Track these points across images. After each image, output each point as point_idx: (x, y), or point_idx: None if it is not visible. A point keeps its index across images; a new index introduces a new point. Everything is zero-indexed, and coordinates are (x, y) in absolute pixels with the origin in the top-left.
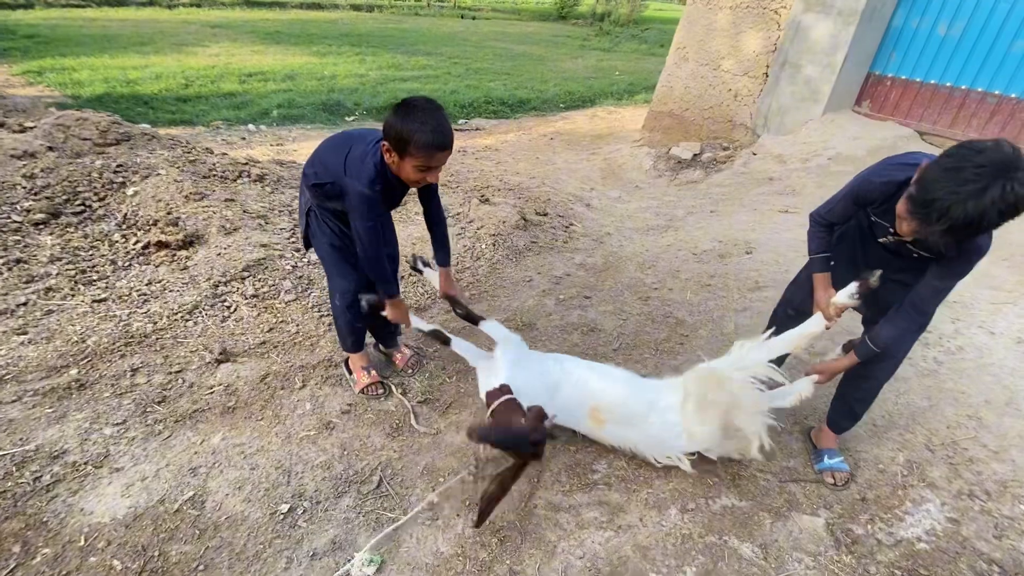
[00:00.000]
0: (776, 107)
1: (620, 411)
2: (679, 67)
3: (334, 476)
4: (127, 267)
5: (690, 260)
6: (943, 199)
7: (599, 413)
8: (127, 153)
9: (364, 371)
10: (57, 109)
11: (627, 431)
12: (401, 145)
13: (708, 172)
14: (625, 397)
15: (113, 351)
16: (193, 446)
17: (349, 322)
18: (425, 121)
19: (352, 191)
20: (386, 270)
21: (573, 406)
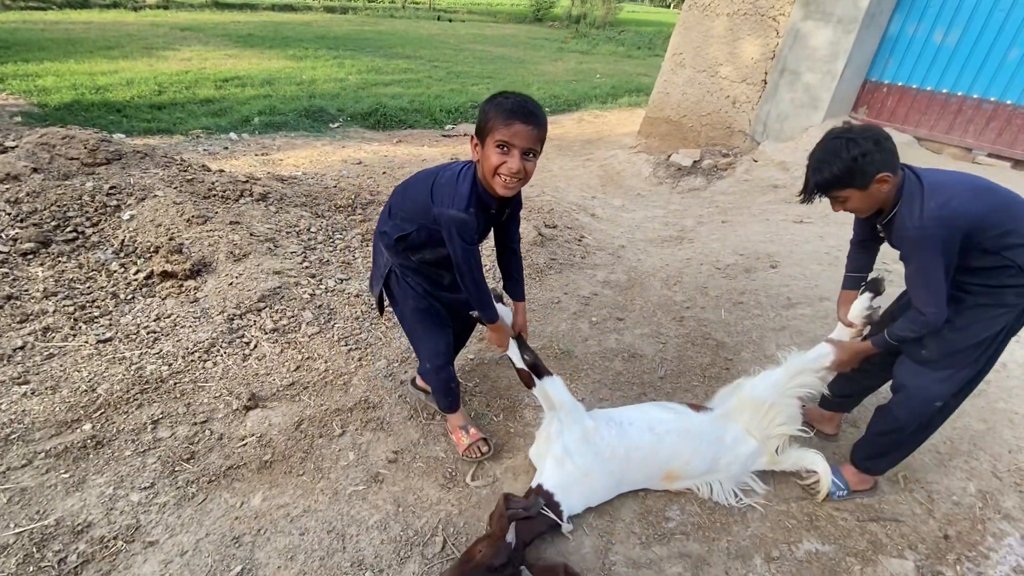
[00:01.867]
0: (775, 114)
1: (695, 467)
2: (675, 73)
3: (393, 538)
4: (130, 300)
5: (716, 275)
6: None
7: (674, 474)
8: (119, 173)
9: (463, 431)
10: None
11: (705, 479)
12: (483, 125)
13: (710, 179)
14: (694, 451)
15: (128, 400)
16: (232, 510)
17: (443, 383)
18: (508, 97)
19: (446, 218)
20: (486, 294)
21: (643, 478)
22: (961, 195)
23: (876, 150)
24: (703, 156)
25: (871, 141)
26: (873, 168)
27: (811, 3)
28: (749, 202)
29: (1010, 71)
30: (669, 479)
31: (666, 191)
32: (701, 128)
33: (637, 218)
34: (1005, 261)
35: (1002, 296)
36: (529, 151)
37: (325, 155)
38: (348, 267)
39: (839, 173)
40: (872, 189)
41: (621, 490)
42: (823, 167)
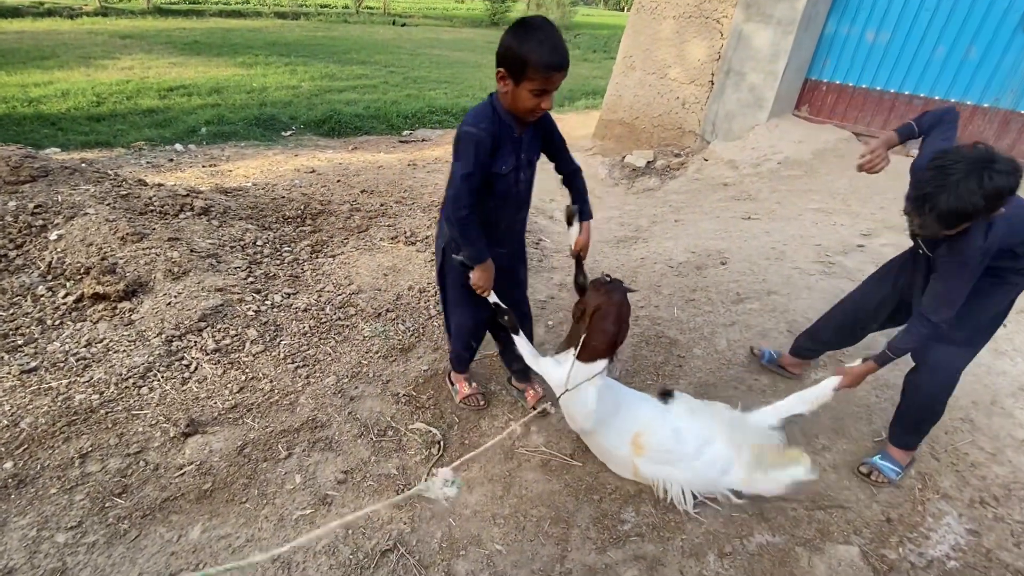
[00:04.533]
0: (723, 113)
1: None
2: (626, 76)
3: (342, 562)
4: (58, 326)
5: (668, 274)
6: (932, 192)
7: (640, 441)
8: (45, 191)
9: (466, 382)
10: None
11: (667, 469)
12: (518, 67)
13: (663, 179)
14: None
15: (54, 434)
16: (169, 545)
17: (462, 349)
18: (543, 40)
19: (459, 134)
20: (471, 231)
21: (616, 432)
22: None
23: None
24: (656, 157)
25: (1018, 175)
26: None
27: (752, 5)
28: (701, 200)
29: (937, 68)
30: (636, 447)
31: (621, 192)
32: (653, 129)
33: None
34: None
35: (1007, 277)
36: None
37: (277, 164)
38: (296, 280)
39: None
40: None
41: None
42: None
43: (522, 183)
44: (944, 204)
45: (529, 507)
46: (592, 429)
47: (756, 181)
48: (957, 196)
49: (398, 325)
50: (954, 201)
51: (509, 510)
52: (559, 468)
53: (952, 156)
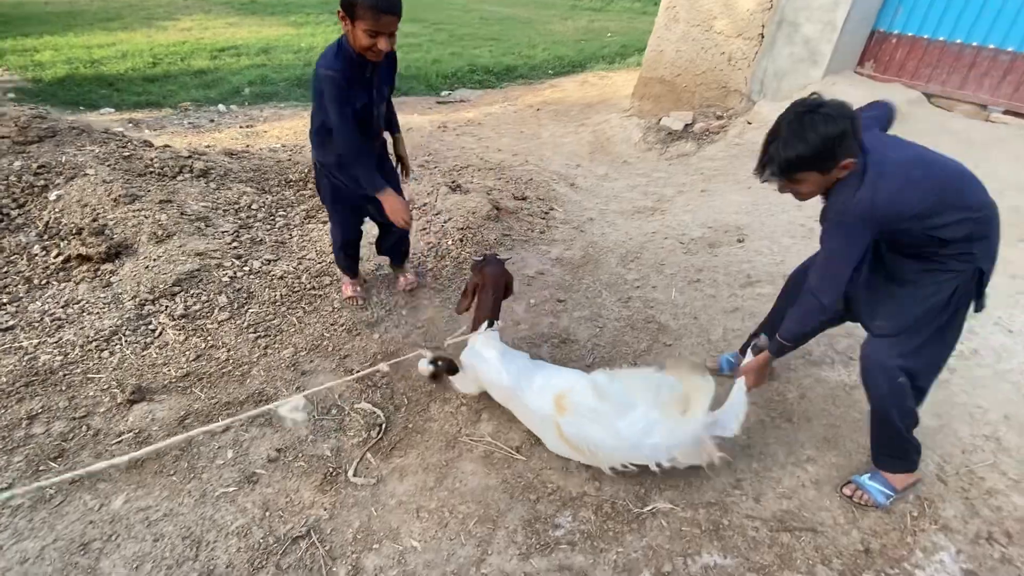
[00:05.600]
0: (773, 70)
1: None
2: (669, 29)
3: (251, 545)
4: (44, 285)
5: (677, 251)
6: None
7: (564, 402)
8: (51, 151)
9: (350, 285)
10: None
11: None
12: (350, 8)
13: (700, 144)
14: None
15: (11, 393)
16: (89, 513)
17: (339, 257)
18: None
19: (318, 78)
20: (364, 171)
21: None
22: (896, 188)
23: (852, 131)
24: (695, 119)
25: (848, 120)
26: (844, 152)
27: None
28: (736, 168)
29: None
30: (559, 407)
31: (653, 158)
32: (696, 88)
33: (617, 188)
34: (935, 238)
35: (945, 263)
36: (392, 32)
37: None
38: (281, 247)
39: (810, 153)
40: (832, 174)
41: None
42: (793, 144)
43: (376, 118)
44: (774, 152)
45: (458, 502)
46: (510, 386)
47: None
48: (784, 143)
49: (371, 297)
50: (782, 149)
51: (436, 503)
52: (501, 462)
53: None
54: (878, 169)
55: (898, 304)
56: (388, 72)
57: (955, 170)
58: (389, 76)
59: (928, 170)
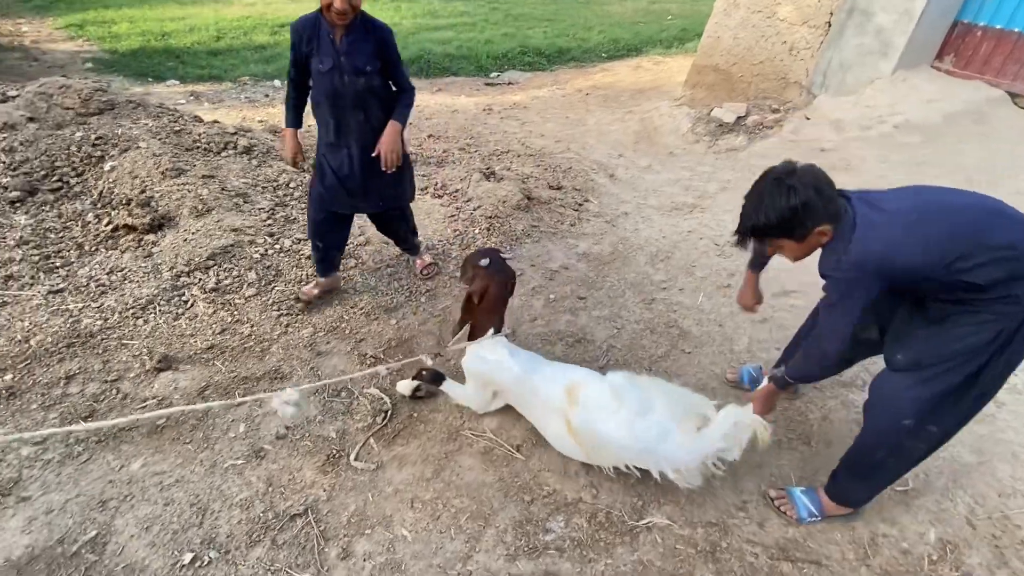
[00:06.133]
0: (838, 62)
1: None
2: (728, 14)
3: (252, 518)
4: (93, 252)
5: (711, 252)
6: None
7: (574, 392)
8: (109, 123)
9: (315, 287)
10: (94, 64)
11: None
12: None
13: (752, 139)
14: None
15: (54, 353)
16: (110, 473)
17: (312, 243)
18: None
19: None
20: (288, 100)
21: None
22: (891, 240)
23: (818, 199)
24: (749, 111)
25: (811, 189)
26: (812, 221)
27: None
28: None
29: None
30: (571, 399)
31: (701, 151)
32: (752, 79)
33: (658, 181)
34: (968, 283)
35: (988, 307)
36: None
37: None
38: None
39: (775, 222)
40: (810, 240)
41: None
42: (759, 212)
43: (348, 86)
44: (745, 217)
45: (453, 495)
46: (519, 373)
47: (861, 147)
48: (753, 210)
49: (392, 283)
50: (752, 215)
51: (431, 495)
52: (500, 459)
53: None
54: (867, 224)
55: (926, 340)
56: (368, 46)
57: (976, 209)
58: (369, 51)
59: (933, 215)
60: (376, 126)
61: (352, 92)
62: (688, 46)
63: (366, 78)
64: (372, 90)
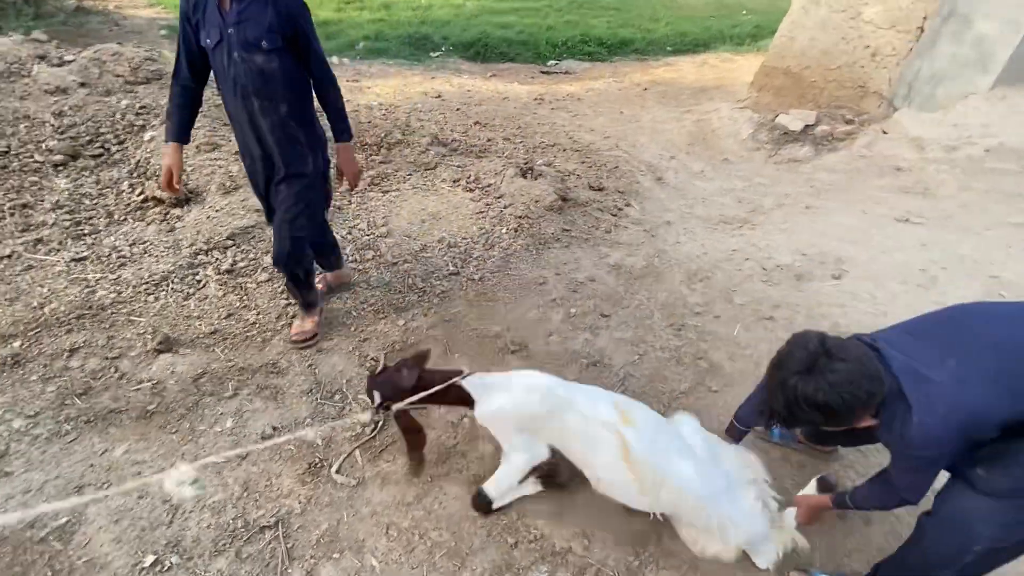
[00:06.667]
0: (928, 73)
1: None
2: (807, 12)
3: (221, 524)
4: (121, 222)
5: (756, 277)
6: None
7: (628, 416)
8: (155, 93)
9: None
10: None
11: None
12: None
13: (819, 150)
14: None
15: (64, 323)
16: (92, 456)
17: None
18: None
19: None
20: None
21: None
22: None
23: (864, 397)
24: (819, 120)
25: (860, 387)
26: (854, 416)
27: None
28: (856, 185)
29: None
30: (623, 415)
31: (759, 159)
32: (825, 84)
33: (709, 189)
34: None
35: None
36: None
37: (410, 86)
38: (337, 213)
39: (812, 424)
40: (854, 425)
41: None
42: (793, 416)
43: (239, 66)
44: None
45: (432, 526)
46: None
47: (942, 171)
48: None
49: (406, 280)
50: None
51: (409, 523)
52: None
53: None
54: (922, 394)
55: (1015, 458)
56: (265, 16)
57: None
58: (270, 22)
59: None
60: (273, 127)
61: (244, 75)
62: (761, 44)
63: (264, 57)
64: (274, 74)
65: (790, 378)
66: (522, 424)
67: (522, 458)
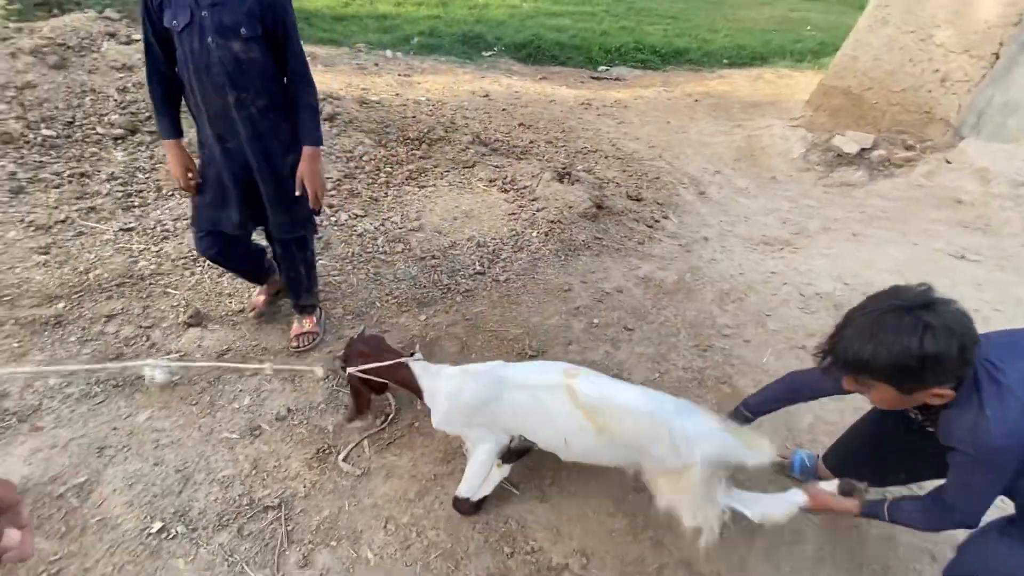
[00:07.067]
0: (1001, 102)
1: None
2: (873, 31)
3: (227, 500)
4: (168, 197)
5: (792, 303)
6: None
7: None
8: None
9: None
10: None
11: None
12: None
13: (873, 176)
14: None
15: (106, 289)
16: (116, 420)
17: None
18: None
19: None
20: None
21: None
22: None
23: (955, 356)
24: (876, 144)
25: (956, 343)
26: (935, 378)
27: None
28: (911, 215)
29: None
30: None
31: (809, 180)
32: (888, 108)
33: (753, 207)
34: None
35: None
36: None
37: (460, 84)
38: (372, 204)
39: (885, 365)
40: (916, 396)
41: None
42: (869, 344)
43: (214, 52)
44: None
45: (430, 525)
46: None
47: (1007, 207)
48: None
49: (432, 275)
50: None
51: (408, 519)
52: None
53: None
54: (994, 392)
55: None
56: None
57: None
58: (248, 7)
59: None
60: (258, 119)
61: (218, 64)
62: (823, 62)
63: (242, 44)
64: (251, 65)
65: (888, 311)
66: (472, 416)
67: (484, 448)
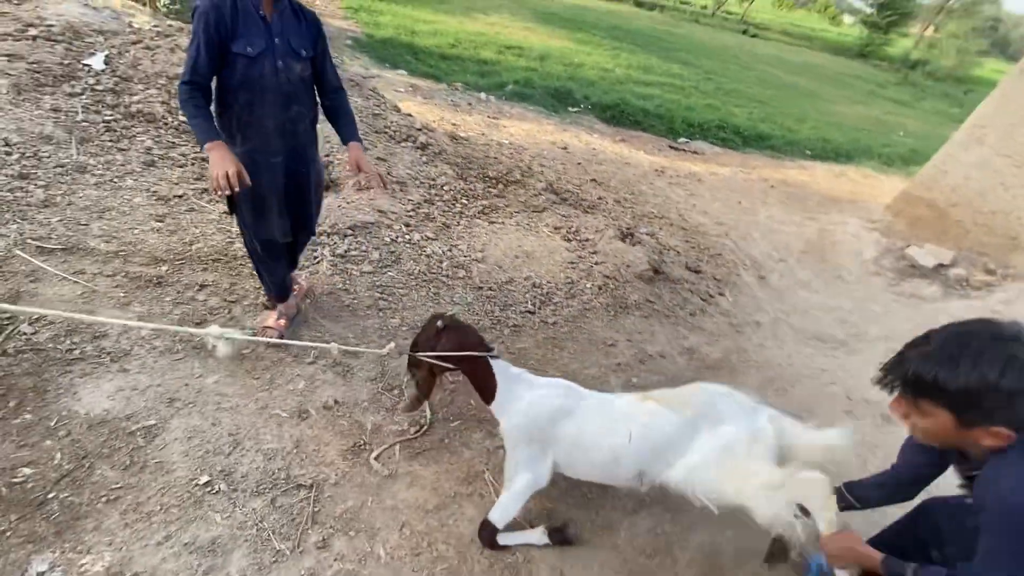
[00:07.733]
0: None
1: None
2: (966, 150)
3: (267, 471)
4: None
5: (837, 405)
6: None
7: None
8: None
9: (276, 313)
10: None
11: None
12: None
13: (947, 294)
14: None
15: (203, 262)
16: (189, 377)
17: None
18: None
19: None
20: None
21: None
22: None
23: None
24: (956, 261)
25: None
26: (1003, 416)
27: None
28: None
29: None
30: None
31: (878, 286)
32: (972, 227)
33: (812, 302)
34: None
35: None
36: None
37: (541, 133)
38: (445, 230)
39: (956, 390)
40: (973, 432)
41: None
42: (946, 365)
43: (282, 73)
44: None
45: (441, 539)
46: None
47: None
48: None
49: (486, 305)
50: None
51: (423, 528)
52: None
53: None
54: None
55: None
56: (300, 27)
57: None
58: (305, 33)
59: None
60: (306, 130)
61: (285, 83)
62: (911, 170)
63: (302, 65)
64: (305, 82)
65: (975, 335)
66: (542, 429)
67: (524, 480)
